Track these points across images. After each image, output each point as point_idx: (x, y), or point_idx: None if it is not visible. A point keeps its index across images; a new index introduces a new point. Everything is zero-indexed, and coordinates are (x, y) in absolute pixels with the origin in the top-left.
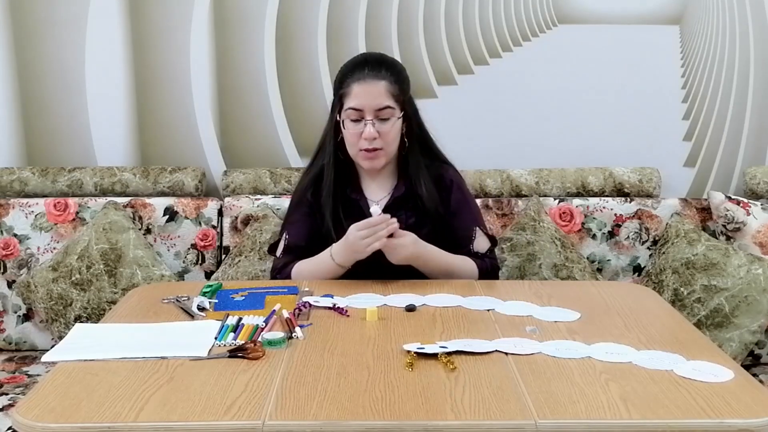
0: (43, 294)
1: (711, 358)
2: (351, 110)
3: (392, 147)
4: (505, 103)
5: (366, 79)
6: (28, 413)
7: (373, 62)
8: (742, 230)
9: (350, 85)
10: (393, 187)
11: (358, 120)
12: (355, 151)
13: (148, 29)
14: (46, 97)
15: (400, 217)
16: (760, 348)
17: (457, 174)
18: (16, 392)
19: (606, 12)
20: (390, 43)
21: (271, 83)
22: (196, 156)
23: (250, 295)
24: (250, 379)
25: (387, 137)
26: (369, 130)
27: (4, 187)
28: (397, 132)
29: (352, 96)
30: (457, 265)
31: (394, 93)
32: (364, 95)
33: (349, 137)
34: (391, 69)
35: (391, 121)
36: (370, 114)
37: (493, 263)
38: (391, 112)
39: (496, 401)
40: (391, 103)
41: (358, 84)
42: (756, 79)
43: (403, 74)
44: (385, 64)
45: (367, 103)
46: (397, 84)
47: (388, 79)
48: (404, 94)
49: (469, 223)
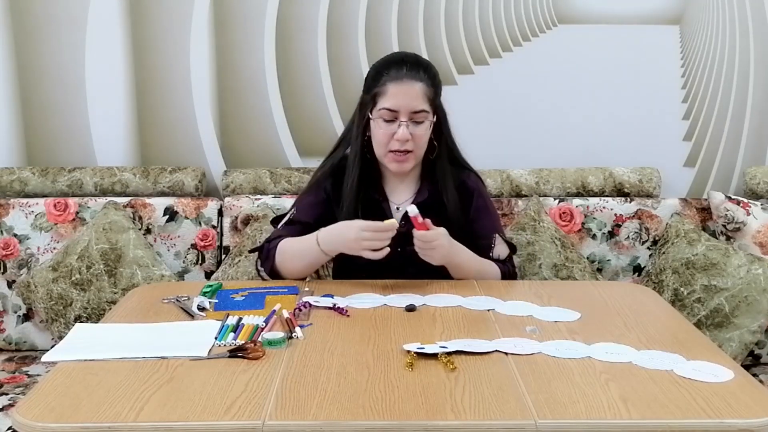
0: (43, 294)
1: (711, 358)
2: (385, 110)
3: (422, 151)
4: (505, 103)
5: (403, 80)
6: (28, 413)
7: (411, 63)
8: (742, 230)
9: (386, 84)
10: (416, 191)
11: (392, 120)
12: (384, 151)
13: (148, 29)
14: (46, 97)
15: None
16: (760, 348)
17: (479, 181)
18: (16, 392)
19: (606, 12)
20: (390, 43)
21: (271, 83)
22: (196, 156)
23: (250, 295)
24: (250, 379)
25: (419, 141)
26: (402, 131)
27: (4, 187)
28: (427, 136)
29: (388, 95)
30: (485, 267)
31: (430, 96)
32: (400, 96)
33: (380, 137)
34: (428, 71)
35: (425, 125)
36: (404, 116)
37: (512, 270)
38: (425, 116)
39: (496, 401)
40: (426, 107)
41: (395, 84)
42: (756, 79)
43: (438, 77)
44: (422, 65)
45: (403, 104)
46: (433, 87)
47: (425, 81)
48: (438, 98)
49: (489, 230)
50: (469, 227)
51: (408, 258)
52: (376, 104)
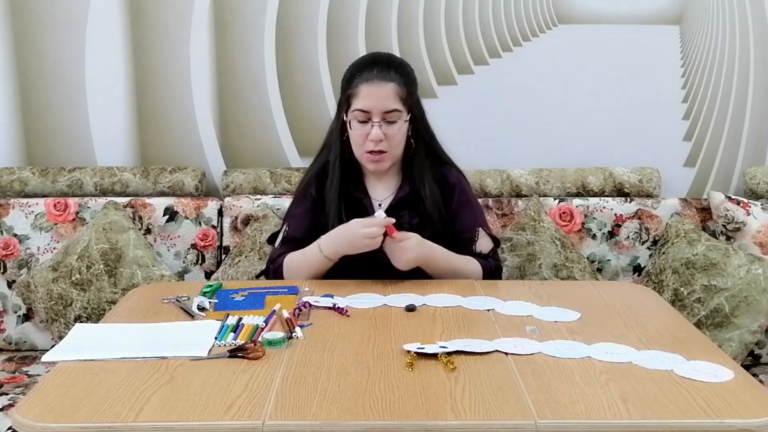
0: (43, 294)
1: (711, 358)
2: (358, 111)
3: (397, 150)
4: (505, 103)
5: (374, 81)
6: (28, 413)
7: (382, 63)
8: (742, 230)
9: (358, 86)
10: (397, 187)
11: (365, 121)
12: (361, 152)
13: (147, 29)
14: (46, 97)
15: (404, 217)
16: (760, 348)
17: (461, 175)
18: (16, 392)
19: (606, 12)
20: (390, 43)
21: (271, 83)
22: (196, 156)
23: (250, 295)
24: (250, 379)
25: (393, 140)
26: (375, 132)
27: (4, 187)
28: (403, 135)
29: (360, 97)
30: (462, 266)
31: (402, 96)
32: (372, 97)
33: (356, 138)
34: (400, 71)
35: (398, 124)
36: (377, 116)
37: (497, 264)
38: (398, 115)
39: (496, 401)
40: (398, 106)
41: (366, 85)
42: (756, 79)
43: (412, 76)
44: (394, 65)
45: (374, 105)
46: (406, 86)
47: (397, 81)
48: (412, 96)
49: (471, 224)
50: (451, 222)
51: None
52: (350, 106)
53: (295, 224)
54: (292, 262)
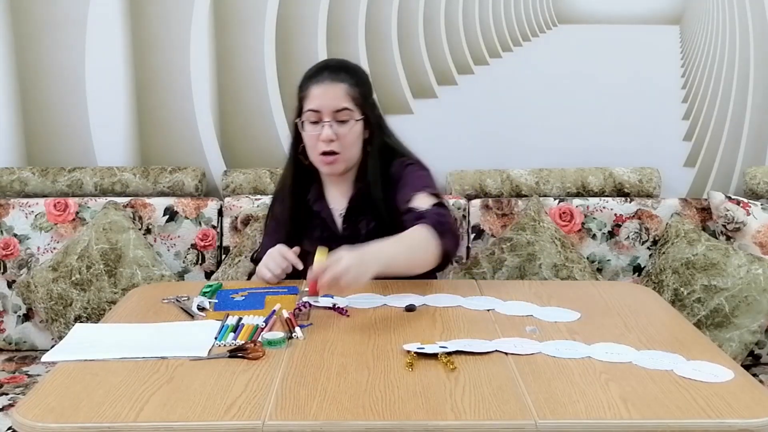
0: (43, 294)
1: (711, 358)
2: (310, 112)
3: (351, 152)
4: (505, 103)
5: (325, 81)
6: (28, 413)
7: (333, 66)
8: (742, 230)
9: (309, 88)
10: (351, 195)
11: (317, 122)
12: (315, 154)
13: (148, 29)
14: (46, 97)
15: (361, 224)
16: (760, 348)
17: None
18: (16, 392)
19: (606, 12)
20: (390, 43)
21: (271, 83)
22: (196, 156)
23: (250, 295)
24: (250, 379)
25: (344, 140)
26: (326, 131)
27: (4, 187)
28: (355, 136)
29: (311, 98)
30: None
31: (354, 96)
32: (322, 96)
33: (308, 140)
34: (351, 73)
35: (350, 124)
36: (328, 115)
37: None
38: (349, 114)
39: (496, 401)
40: (349, 105)
41: (317, 86)
42: (756, 79)
43: (364, 79)
44: (345, 68)
45: (324, 104)
46: (357, 87)
47: (348, 81)
48: (365, 99)
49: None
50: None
51: None
52: (303, 108)
53: (267, 243)
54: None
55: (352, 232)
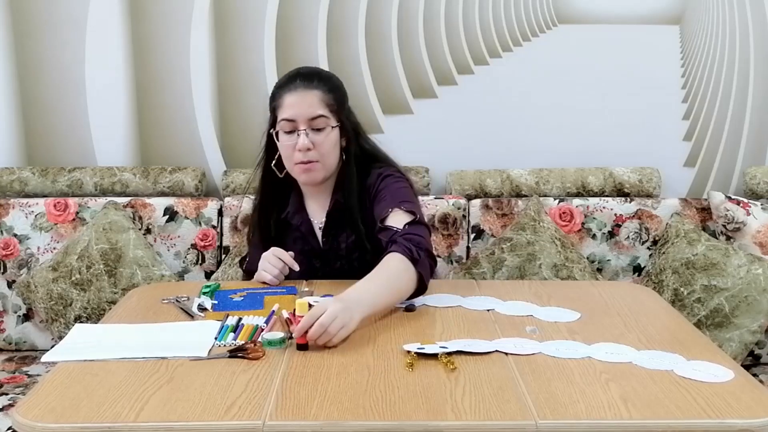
0: (43, 294)
1: (711, 358)
2: (284, 122)
3: (329, 160)
4: (505, 103)
5: (298, 90)
6: (28, 413)
7: (305, 74)
8: (742, 230)
9: (282, 96)
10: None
11: (292, 132)
12: (291, 164)
13: (148, 29)
14: (46, 97)
15: (341, 238)
16: (760, 348)
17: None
18: (16, 392)
19: (606, 12)
20: (390, 43)
21: (271, 83)
22: (196, 156)
23: (249, 295)
24: (250, 379)
25: (321, 148)
26: (302, 140)
27: (4, 187)
28: (332, 143)
29: (284, 107)
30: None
31: (328, 102)
32: (296, 105)
33: (284, 150)
34: (325, 80)
35: (326, 132)
36: (303, 124)
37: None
38: (325, 122)
39: (496, 401)
40: (324, 112)
41: (290, 94)
42: (756, 79)
43: (338, 86)
44: (318, 76)
45: (299, 112)
46: (331, 93)
47: (321, 89)
48: (341, 106)
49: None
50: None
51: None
52: (277, 118)
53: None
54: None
55: (331, 246)
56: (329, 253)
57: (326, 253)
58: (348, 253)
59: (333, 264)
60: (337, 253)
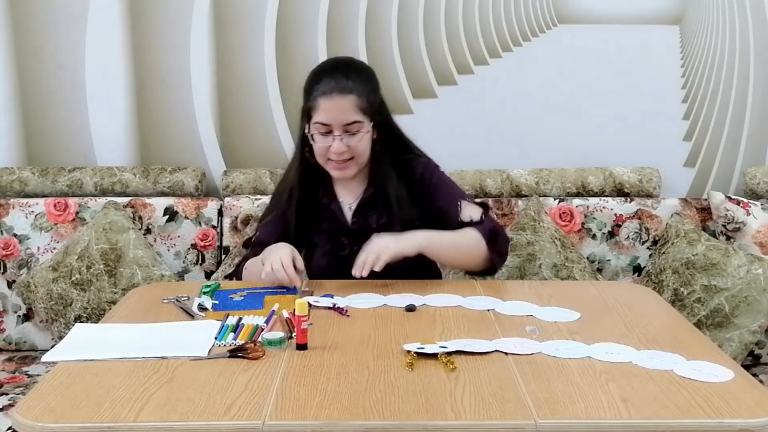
0: (43, 294)
1: (711, 358)
2: (319, 124)
3: (363, 158)
4: (505, 103)
5: (333, 95)
6: (28, 413)
7: (340, 75)
8: (742, 230)
9: (317, 99)
10: (363, 190)
11: (327, 134)
12: (324, 161)
13: (148, 29)
14: (46, 97)
15: (371, 218)
16: (760, 348)
17: (429, 162)
18: (16, 392)
19: (606, 12)
20: (390, 43)
21: (271, 83)
22: (196, 156)
23: (249, 295)
24: (250, 379)
25: (356, 150)
26: (337, 145)
27: (4, 187)
28: (366, 144)
29: (319, 110)
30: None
31: (362, 106)
32: (331, 111)
33: (318, 149)
34: (359, 78)
35: (360, 135)
36: (338, 129)
37: (493, 225)
38: (359, 126)
39: (496, 401)
40: (359, 118)
41: (325, 99)
42: (756, 79)
43: (372, 82)
44: (352, 75)
45: (334, 118)
46: (365, 96)
47: (356, 92)
48: (373, 105)
49: (449, 200)
50: (430, 212)
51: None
52: (311, 118)
53: (265, 231)
54: (249, 268)
55: (361, 226)
56: (358, 234)
57: (354, 233)
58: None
59: (361, 241)
60: (368, 231)
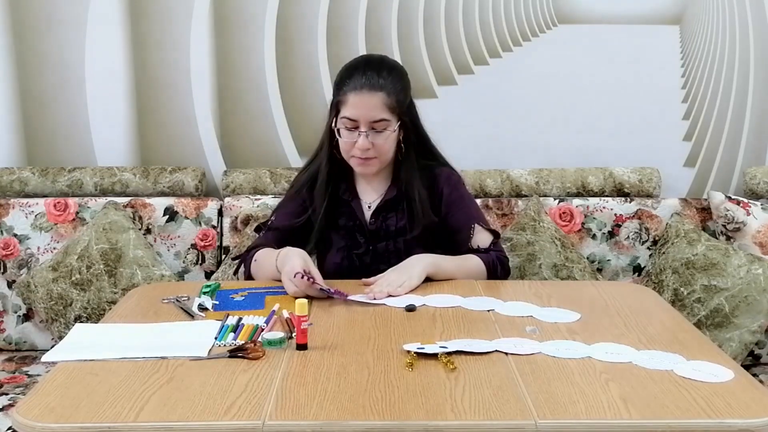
0: (43, 294)
1: (711, 358)
2: (346, 119)
3: (386, 156)
4: (505, 103)
5: (362, 90)
6: (28, 413)
7: (371, 72)
8: (742, 230)
9: (347, 93)
10: (385, 189)
11: (353, 129)
12: (348, 156)
13: (148, 29)
14: (46, 97)
15: (390, 219)
16: (760, 348)
17: (453, 175)
18: (16, 392)
19: (606, 12)
20: (390, 43)
21: (271, 83)
22: (196, 156)
23: (250, 295)
24: (250, 379)
25: (381, 148)
26: (362, 141)
27: (4, 187)
28: (392, 143)
29: (348, 105)
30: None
31: (391, 105)
32: (359, 107)
33: (343, 144)
34: (392, 77)
35: (386, 133)
36: (364, 125)
37: (499, 255)
38: (386, 125)
39: (496, 401)
40: (386, 116)
41: (354, 94)
42: (756, 79)
43: (403, 82)
44: (384, 71)
45: (362, 114)
46: (394, 95)
47: (386, 90)
48: (402, 104)
49: (464, 221)
50: (444, 222)
51: (380, 255)
52: (339, 112)
53: (281, 217)
54: (261, 258)
55: (379, 227)
56: (375, 233)
57: (372, 233)
58: (396, 236)
59: (377, 241)
60: (386, 232)
